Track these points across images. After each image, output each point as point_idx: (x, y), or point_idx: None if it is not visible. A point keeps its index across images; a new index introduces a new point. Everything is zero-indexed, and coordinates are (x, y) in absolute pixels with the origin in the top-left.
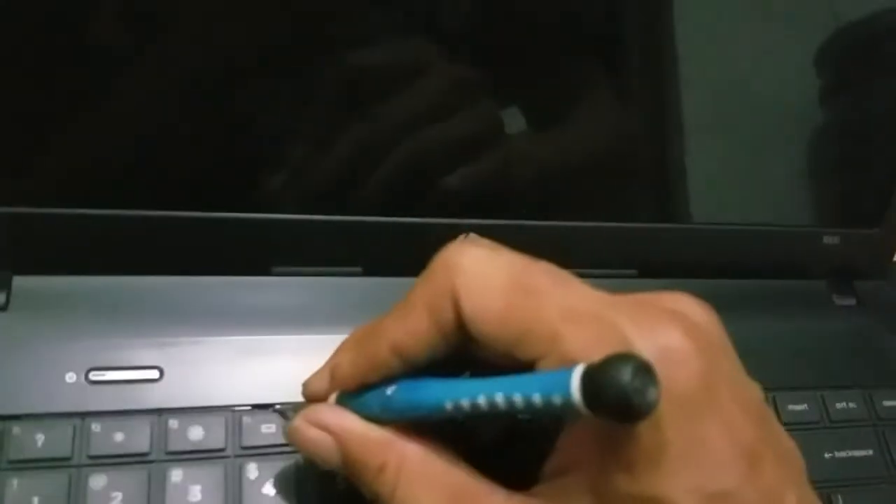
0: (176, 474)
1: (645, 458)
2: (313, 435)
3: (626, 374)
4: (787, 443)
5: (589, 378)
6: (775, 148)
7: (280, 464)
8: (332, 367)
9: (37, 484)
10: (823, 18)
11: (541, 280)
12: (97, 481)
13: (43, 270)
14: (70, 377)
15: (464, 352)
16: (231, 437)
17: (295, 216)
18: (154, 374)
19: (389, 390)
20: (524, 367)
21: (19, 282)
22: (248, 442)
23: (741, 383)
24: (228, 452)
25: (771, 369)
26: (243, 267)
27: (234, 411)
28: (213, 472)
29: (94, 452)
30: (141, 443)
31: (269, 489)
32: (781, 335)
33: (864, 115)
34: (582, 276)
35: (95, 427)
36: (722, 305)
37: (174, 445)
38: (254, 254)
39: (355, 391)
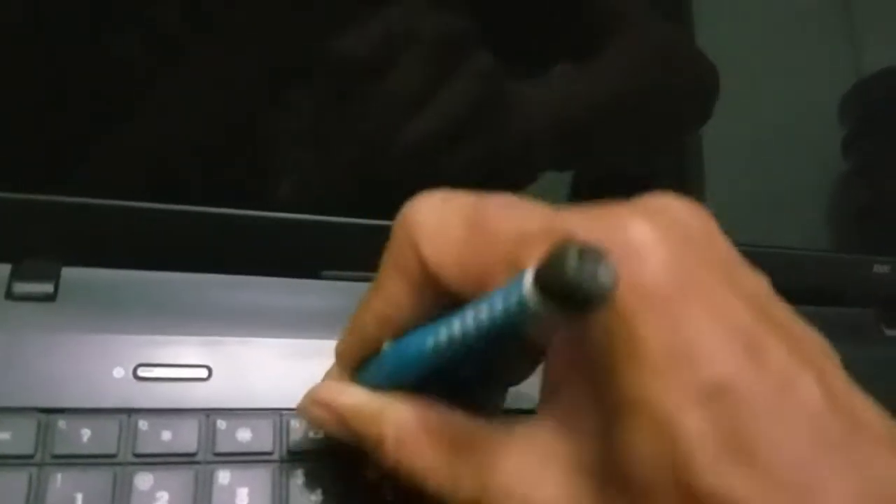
0: (223, 476)
1: (625, 361)
2: (317, 413)
3: (570, 260)
4: (804, 331)
5: (538, 275)
6: (826, 175)
7: (326, 470)
8: (335, 347)
9: (81, 480)
10: None
11: (492, 214)
12: (143, 480)
13: (92, 262)
14: (118, 372)
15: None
16: (278, 441)
17: (346, 219)
18: (203, 372)
19: (384, 348)
20: None
21: (68, 273)
22: (296, 447)
23: (735, 273)
24: (276, 456)
25: None
26: (293, 269)
27: (281, 414)
28: (260, 475)
29: (140, 450)
30: (188, 442)
31: (316, 495)
32: None
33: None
34: None
35: (142, 425)
36: None
37: (222, 447)
38: (304, 256)
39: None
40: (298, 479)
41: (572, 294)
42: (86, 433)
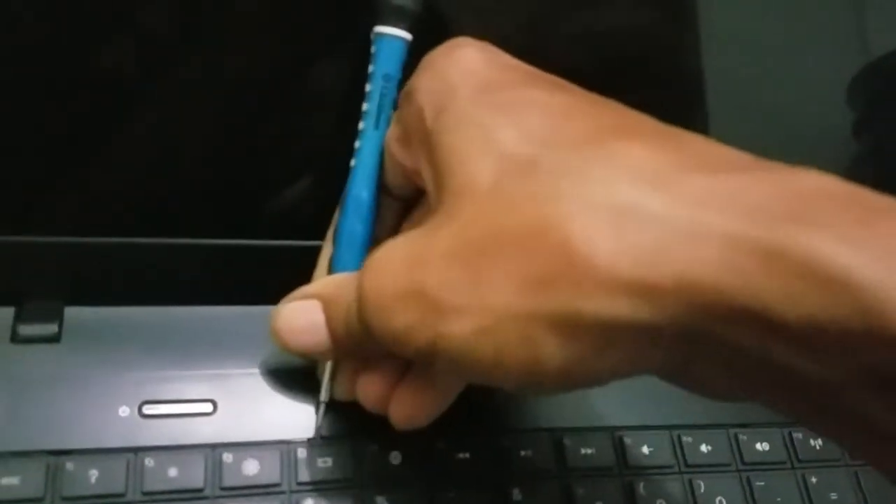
0: None
1: (455, 128)
2: (297, 305)
3: None
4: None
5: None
6: (836, 163)
7: (338, 500)
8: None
9: None
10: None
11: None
12: None
13: (95, 301)
14: (123, 411)
15: None
16: (287, 472)
17: None
18: (208, 407)
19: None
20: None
21: (71, 312)
22: (304, 477)
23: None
24: (284, 487)
25: None
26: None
27: (289, 444)
28: None
29: (148, 488)
30: (195, 478)
31: None
32: None
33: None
34: None
35: (149, 462)
36: None
37: (229, 480)
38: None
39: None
40: None
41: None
42: (93, 474)
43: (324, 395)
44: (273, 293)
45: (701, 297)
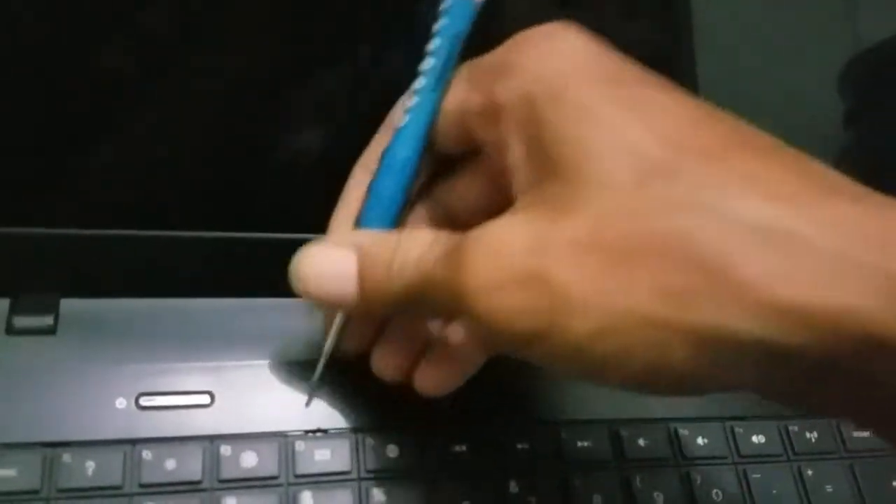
0: (229, 503)
1: (571, 125)
2: (330, 251)
3: None
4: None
5: None
6: (827, 154)
7: (335, 492)
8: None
9: None
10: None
11: None
12: None
13: (91, 293)
14: (120, 403)
15: None
16: (284, 465)
17: None
18: (205, 399)
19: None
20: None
21: (67, 304)
22: (301, 469)
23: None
24: (282, 480)
25: None
26: (291, 290)
27: (286, 437)
28: (267, 500)
29: (145, 480)
30: (193, 470)
31: None
32: None
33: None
34: None
35: (146, 454)
36: None
37: (227, 473)
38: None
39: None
40: (307, 502)
41: None
42: (90, 466)
43: (328, 346)
44: (270, 286)
45: (859, 327)
